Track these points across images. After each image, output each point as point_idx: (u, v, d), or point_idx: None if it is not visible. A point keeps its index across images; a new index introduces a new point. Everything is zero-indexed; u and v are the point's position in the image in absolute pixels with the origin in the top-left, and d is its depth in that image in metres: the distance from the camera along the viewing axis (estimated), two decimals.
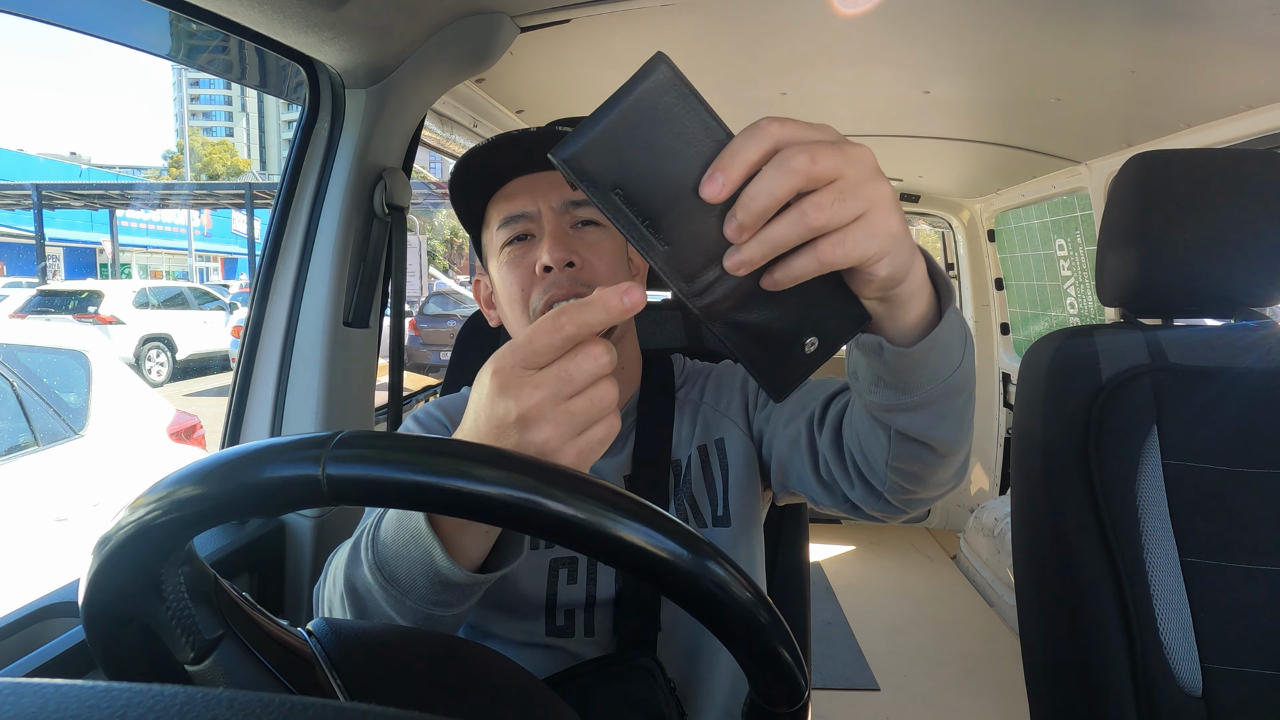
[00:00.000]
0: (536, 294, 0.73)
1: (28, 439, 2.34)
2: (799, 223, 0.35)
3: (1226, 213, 0.92)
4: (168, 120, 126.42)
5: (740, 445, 0.80)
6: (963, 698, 2.11)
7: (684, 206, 0.34)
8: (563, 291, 0.72)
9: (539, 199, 0.74)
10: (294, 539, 1.06)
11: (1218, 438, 0.88)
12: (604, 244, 0.75)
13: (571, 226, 0.74)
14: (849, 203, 0.36)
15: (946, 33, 1.29)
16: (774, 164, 0.34)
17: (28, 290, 9.91)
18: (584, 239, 0.74)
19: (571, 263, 0.72)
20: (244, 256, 24.73)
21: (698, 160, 0.34)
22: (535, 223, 0.74)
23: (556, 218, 0.74)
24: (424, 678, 0.44)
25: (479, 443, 0.36)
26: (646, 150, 0.33)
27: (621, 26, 1.26)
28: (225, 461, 0.35)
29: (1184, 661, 0.82)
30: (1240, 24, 1.11)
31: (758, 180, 0.34)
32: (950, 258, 3.30)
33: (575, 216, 0.75)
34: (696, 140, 0.34)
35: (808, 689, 0.39)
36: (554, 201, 0.74)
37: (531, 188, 0.74)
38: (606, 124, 0.33)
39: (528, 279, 0.73)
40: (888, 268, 0.39)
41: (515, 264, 0.74)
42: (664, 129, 0.34)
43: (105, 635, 0.39)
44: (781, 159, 0.34)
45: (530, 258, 0.73)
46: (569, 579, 0.75)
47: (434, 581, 0.49)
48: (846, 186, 0.36)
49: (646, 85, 0.33)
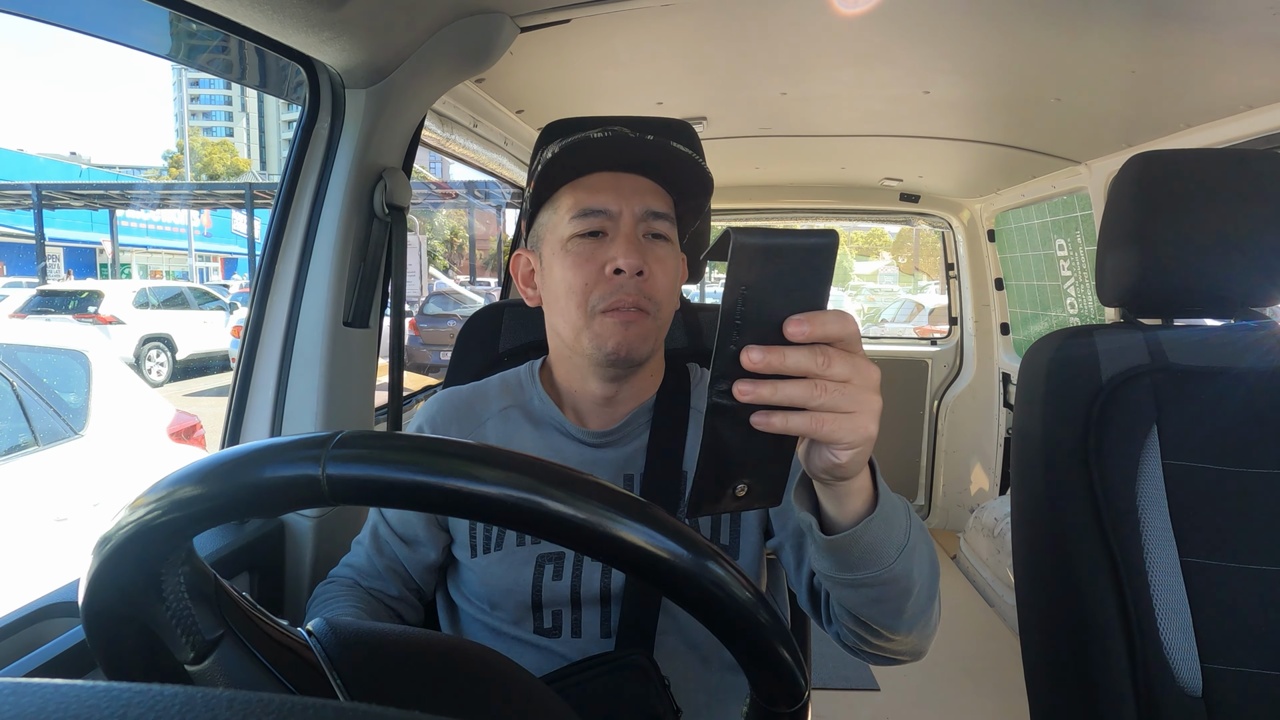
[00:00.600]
0: (599, 294, 0.73)
1: (28, 439, 2.34)
2: (810, 390, 0.43)
3: (1226, 213, 0.92)
4: (168, 120, 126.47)
5: None
6: (963, 698, 2.11)
7: (764, 329, 0.42)
8: (629, 299, 0.72)
9: (623, 201, 0.73)
10: (294, 539, 1.06)
11: (1218, 438, 0.88)
12: (669, 260, 0.76)
13: (644, 236, 0.74)
14: (850, 399, 0.45)
15: (946, 33, 1.29)
16: (824, 351, 0.43)
17: (28, 290, 9.91)
18: (654, 251, 0.74)
19: (641, 271, 0.72)
20: (244, 256, 24.73)
21: (800, 306, 0.42)
22: (613, 222, 0.73)
23: (635, 224, 0.73)
24: (424, 678, 0.44)
25: (480, 444, 0.36)
26: (782, 278, 0.41)
27: (621, 26, 1.26)
28: (225, 461, 0.35)
29: (1184, 661, 0.82)
30: (1240, 24, 1.11)
31: (807, 351, 0.43)
32: (950, 258, 3.30)
33: (650, 227, 0.74)
34: (810, 295, 0.42)
35: (808, 689, 0.39)
36: (637, 207, 0.73)
37: (616, 187, 0.74)
38: (780, 243, 0.41)
39: (595, 276, 0.73)
40: (850, 459, 0.47)
41: (584, 258, 0.73)
42: (802, 274, 0.42)
43: (105, 635, 0.39)
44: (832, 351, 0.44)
45: (601, 255, 0.73)
46: (554, 575, 0.75)
47: None
48: (853, 389, 0.45)
49: (819, 241, 0.41)
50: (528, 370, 0.86)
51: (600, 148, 0.72)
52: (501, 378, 0.87)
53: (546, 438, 0.80)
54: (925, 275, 28.91)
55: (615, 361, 0.74)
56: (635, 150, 0.72)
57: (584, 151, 0.72)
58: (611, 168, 0.75)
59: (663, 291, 0.74)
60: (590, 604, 0.75)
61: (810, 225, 4.15)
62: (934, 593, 0.63)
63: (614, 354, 0.73)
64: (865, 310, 16.69)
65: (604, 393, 0.79)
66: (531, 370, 0.86)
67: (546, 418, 0.81)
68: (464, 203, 15.49)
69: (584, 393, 0.80)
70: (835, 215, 3.36)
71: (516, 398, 0.84)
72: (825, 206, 3.16)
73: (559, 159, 0.72)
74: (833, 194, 3.08)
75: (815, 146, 2.27)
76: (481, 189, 12.21)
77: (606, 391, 0.79)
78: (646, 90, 1.64)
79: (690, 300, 1.05)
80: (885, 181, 2.84)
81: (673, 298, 0.77)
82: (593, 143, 0.71)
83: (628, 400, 0.81)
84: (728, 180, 2.92)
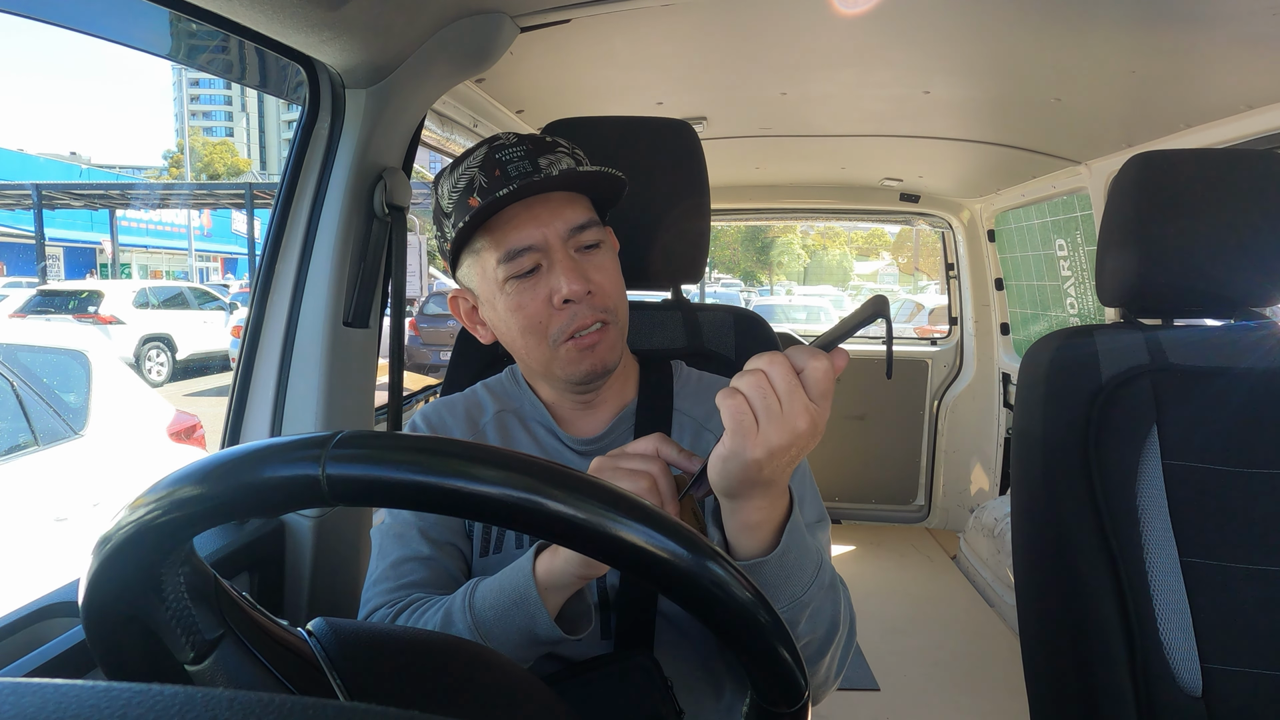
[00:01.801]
0: (557, 326, 0.72)
1: (28, 439, 2.34)
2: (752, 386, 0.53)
3: (1226, 213, 0.92)
4: (168, 120, 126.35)
5: None
6: (963, 698, 2.11)
7: None
8: (587, 320, 0.72)
9: (544, 228, 0.71)
10: (294, 539, 1.06)
11: (1218, 438, 0.88)
12: (608, 264, 0.75)
13: (577, 251, 0.73)
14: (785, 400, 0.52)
15: (946, 33, 1.29)
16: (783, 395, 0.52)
17: (28, 290, 9.91)
18: (591, 261, 0.73)
19: (591, 290, 0.72)
20: (244, 256, 24.72)
21: None
22: (543, 253, 0.71)
23: (564, 247, 0.72)
24: (424, 678, 0.44)
25: (480, 444, 0.36)
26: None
27: (621, 26, 1.26)
28: (225, 461, 0.35)
29: (1184, 661, 0.82)
30: (1240, 24, 1.11)
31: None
32: (950, 258, 3.30)
33: (580, 241, 0.73)
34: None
35: (807, 689, 0.39)
36: (561, 230, 0.71)
37: (534, 218, 0.71)
38: None
39: (544, 311, 0.72)
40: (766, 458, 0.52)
41: (528, 297, 0.72)
42: None
43: (105, 635, 0.39)
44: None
45: (543, 289, 0.71)
46: None
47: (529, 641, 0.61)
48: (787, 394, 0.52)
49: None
50: (510, 376, 0.86)
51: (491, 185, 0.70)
52: (485, 385, 0.86)
53: (542, 441, 0.80)
54: (925, 275, 28.93)
55: (591, 380, 0.75)
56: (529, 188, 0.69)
57: (484, 208, 0.69)
58: (515, 197, 0.70)
59: (613, 297, 0.74)
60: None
61: (812, 226, 4.13)
62: (825, 652, 0.65)
63: (589, 374, 0.74)
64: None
65: (582, 399, 0.80)
66: (514, 375, 0.85)
67: (539, 421, 0.82)
68: None
69: (562, 402, 0.81)
70: (835, 215, 3.36)
71: (507, 403, 0.83)
72: (825, 206, 3.16)
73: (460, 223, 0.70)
74: (833, 194, 3.09)
75: (815, 146, 2.27)
76: None
77: (584, 398, 0.80)
78: (646, 90, 1.64)
79: (689, 299, 1.05)
80: (885, 181, 2.84)
81: (623, 295, 0.77)
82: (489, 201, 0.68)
83: (608, 401, 0.81)
84: (728, 180, 2.92)
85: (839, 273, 36.77)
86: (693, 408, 0.83)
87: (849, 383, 3.41)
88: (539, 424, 0.81)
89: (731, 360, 1.00)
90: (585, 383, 0.76)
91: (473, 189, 0.71)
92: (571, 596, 0.63)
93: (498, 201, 0.68)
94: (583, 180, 0.72)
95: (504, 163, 0.70)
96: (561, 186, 0.72)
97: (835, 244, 38.59)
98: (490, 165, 0.71)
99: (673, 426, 0.81)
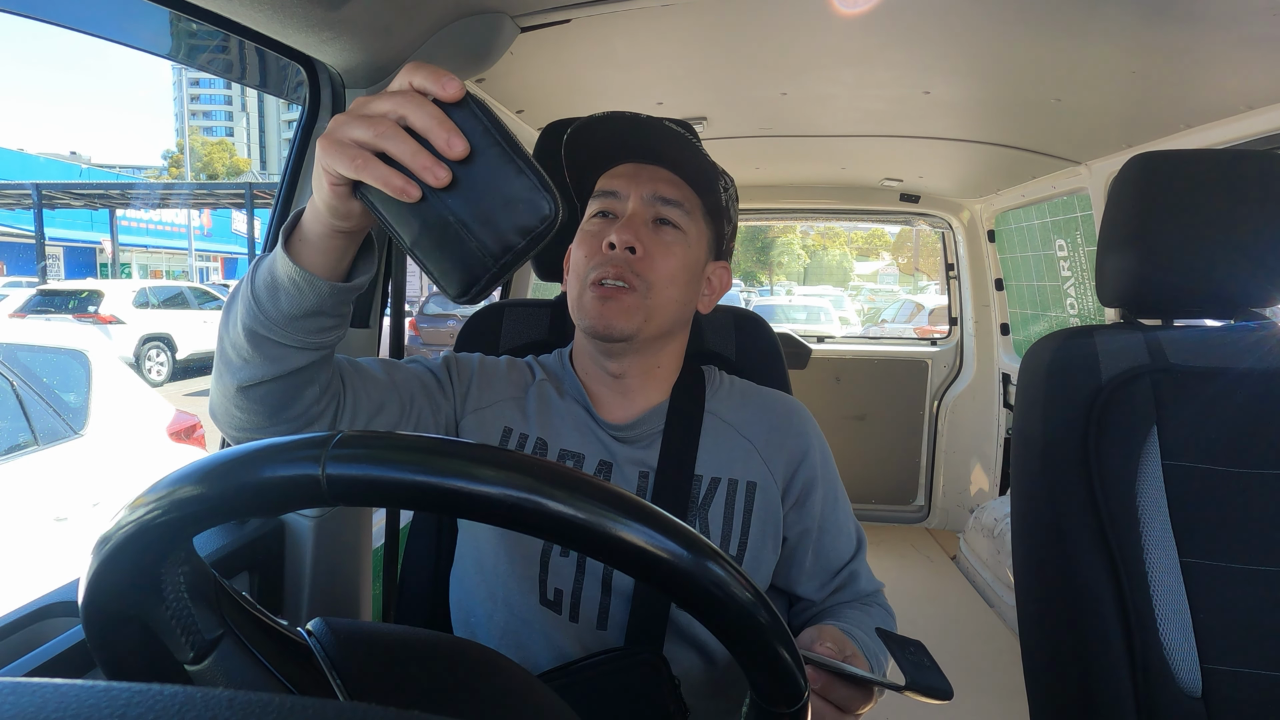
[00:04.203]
0: (591, 265, 0.75)
1: (27, 438, 2.34)
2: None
3: (1226, 213, 0.92)
4: (168, 120, 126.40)
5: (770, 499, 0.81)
6: (963, 698, 2.10)
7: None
8: (613, 270, 0.74)
9: (633, 185, 0.77)
10: (294, 539, 1.06)
11: (1218, 438, 0.88)
12: (676, 247, 0.77)
13: (653, 220, 0.77)
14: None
15: (946, 33, 1.29)
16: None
17: (28, 290, 9.90)
18: (659, 236, 0.77)
19: (634, 249, 0.74)
20: (244, 256, 24.71)
21: None
22: (621, 203, 0.77)
23: (641, 207, 0.76)
24: (424, 677, 0.44)
25: (479, 443, 0.36)
26: None
27: (621, 26, 1.26)
28: (225, 461, 0.35)
29: (1184, 662, 0.82)
30: (1240, 25, 1.11)
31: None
32: (950, 258, 3.30)
33: (658, 212, 0.77)
34: None
35: (807, 689, 0.39)
36: (645, 191, 0.77)
37: (634, 174, 0.78)
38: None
39: (595, 252, 0.76)
40: None
41: (589, 236, 0.77)
42: None
43: (105, 635, 0.39)
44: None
45: (604, 234, 0.76)
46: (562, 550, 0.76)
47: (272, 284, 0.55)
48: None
49: None
50: (557, 356, 0.89)
51: (604, 124, 0.75)
52: (539, 359, 0.89)
53: (575, 416, 0.82)
54: (925, 275, 28.93)
55: (595, 334, 0.76)
56: (640, 133, 0.75)
57: (590, 131, 0.76)
58: (638, 157, 0.78)
59: (658, 272, 0.75)
60: (592, 588, 0.75)
61: (812, 226, 4.12)
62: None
63: (592, 327, 0.76)
64: (865, 310, 16.70)
65: (612, 369, 0.81)
66: (561, 356, 0.89)
67: (577, 399, 0.83)
68: None
69: (596, 373, 0.82)
70: (835, 215, 3.36)
71: (550, 376, 0.86)
72: (825, 206, 3.16)
73: (570, 140, 0.76)
74: (833, 194, 3.09)
75: (815, 147, 2.27)
76: None
77: (613, 369, 0.80)
78: (646, 90, 1.64)
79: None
80: (885, 182, 2.84)
81: (674, 284, 0.77)
82: (596, 121, 0.74)
83: (642, 391, 0.82)
84: None
85: (839, 273, 36.78)
86: (724, 410, 0.84)
87: (849, 383, 3.42)
88: (575, 400, 0.83)
89: (731, 360, 1.00)
90: (593, 335, 0.77)
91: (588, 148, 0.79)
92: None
93: (584, 127, 0.75)
94: (685, 159, 0.76)
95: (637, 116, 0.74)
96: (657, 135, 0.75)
97: (835, 244, 38.59)
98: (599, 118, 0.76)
99: (703, 427, 0.82)
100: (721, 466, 0.80)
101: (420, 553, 0.95)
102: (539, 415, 0.81)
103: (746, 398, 0.87)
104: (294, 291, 0.55)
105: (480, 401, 0.81)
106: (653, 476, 0.78)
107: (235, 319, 0.59)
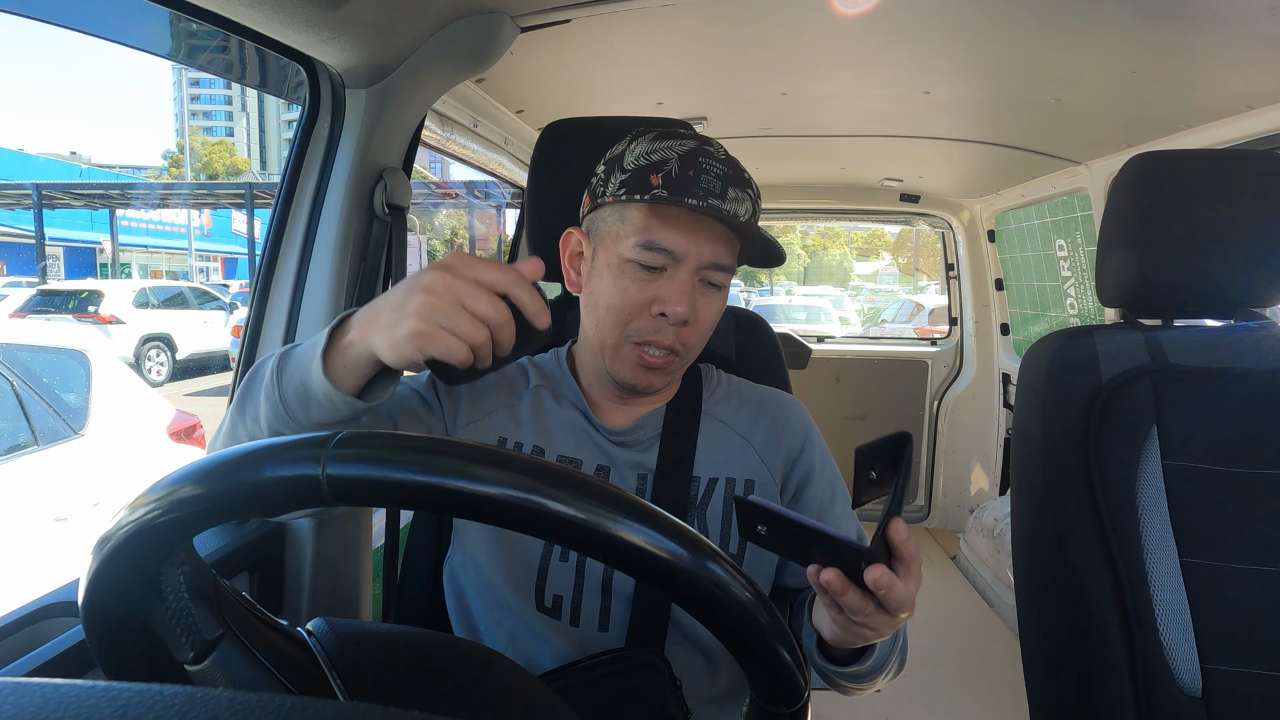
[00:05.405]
0: (637, 326, 0.73)
1: (27, 438, 2.34)
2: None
3: (1226, 213, 0.92)
4: (168, 120, 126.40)
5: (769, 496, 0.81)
6: (963, 698, 2.11)
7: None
8: (665, 340, 0.73)
9: (691, 246, 0.72)
10: (294, 539, 1.06)
11: (1218, 438, 0.88)
12: (715, 306, 0.76)
13: (702, 281, 0.74)
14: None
15: (946, 33, 1.29)
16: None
17: (28, 290, 9.90)
18: (704, 298, 0.75)
19: (688, 321, 0.73)
20: (244, 256, 24.71)
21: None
22: (676, 263, 0.72)
23: (695, 271, 0.73)
24: (423, 677, 0.44)
25: (479, 444, 0.36)
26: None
27: (621, 26, 1.26)
28: (225, 461, 0.35)
29: (1184, 662, 0.82)
30: (1240, 25, 1.11)
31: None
32: (950, 258, 3.30)
33: (708, 276, 0.74)
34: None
35: (807, 689, 0.39)
36: (703, 257, 0.72)
37: (691, 229, 0.72)
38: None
39: (639, 309, 0.73)
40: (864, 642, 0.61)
41: (635, 287, 0.73)
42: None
43: (105, 635, 0.39)
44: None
45: (652, 290, 0.72)
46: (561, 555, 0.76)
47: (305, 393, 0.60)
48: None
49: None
50: (554, 357, 0.87)
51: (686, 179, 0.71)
52: (533, 360, 0.87)
53: (572, 422, 0.81)
54: (925, 275, 28.93)
55: (626, 389, 0.78)
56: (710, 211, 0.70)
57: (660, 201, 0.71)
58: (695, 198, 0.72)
59: (699, 336, 0.76)
60: (592, 592, 0.75)
61: (812, 226, 4.09)
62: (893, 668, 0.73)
63: (632, 385, 0.76)
64: (865, 310, 16.69)
65: (619, 396, 0.81)
66: (559, 357, 0.87)
67: (575, 405, 0.82)
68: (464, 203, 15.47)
69: (600, 390, 0.82)
70: (835, 215, 3.36)
71: (546, 380, 0.85)
72: (825, 206, 3.16)
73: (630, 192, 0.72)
74: (833, 194, 3.09)
75: (815, 147, 2.27)
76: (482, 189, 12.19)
77: (621, 396, 0.81)
78: (646, 90, 1.64)
79: None
80: (885, 182, 2.84)
81: (707, 338, 0.78)
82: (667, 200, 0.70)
83: (643, 400, 0.82)
84: None
85: (839, 273, 36.80)
86: (722, 411, 0.84)
87: (849, 383, 3.41)
88: (573, 405, 0.82)
89: (731, 360, 1.00)
90: (623, 387, 0.78)
91: (662, 169, 0.71)
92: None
93: (674, 205, 0.70)
94: (751, 235, 0.73)
95: (702, 169, 0.71)
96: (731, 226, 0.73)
97: (835, 244, 38.60)
98: (689, 162, 0.71)
99: (701, 429, 0.82)
100: (719, 466, 0.80)
101: (420, 553, 0.95)
102: (534, 422, 0.80)
103: (743, 396, 0.86)
104: (328, 406, 0.60)
105: (472, 415, 0.81)
106: (651, 479, 0.78)
107: (258, 414, 0.63)
